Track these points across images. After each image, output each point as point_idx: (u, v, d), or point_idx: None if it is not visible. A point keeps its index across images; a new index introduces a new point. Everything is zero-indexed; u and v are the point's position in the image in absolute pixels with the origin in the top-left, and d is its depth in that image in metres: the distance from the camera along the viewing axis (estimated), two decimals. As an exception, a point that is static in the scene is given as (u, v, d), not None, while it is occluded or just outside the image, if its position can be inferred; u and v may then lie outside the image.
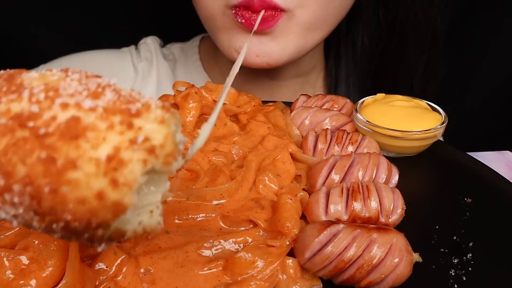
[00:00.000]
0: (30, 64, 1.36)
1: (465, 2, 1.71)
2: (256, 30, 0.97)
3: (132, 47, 1.43)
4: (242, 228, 0.67)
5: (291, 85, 1.30)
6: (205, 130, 0.51)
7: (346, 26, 1.30)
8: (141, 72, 1.37)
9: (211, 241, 0.64)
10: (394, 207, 0.69)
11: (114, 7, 1.61)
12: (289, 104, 0.99)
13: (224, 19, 1.06)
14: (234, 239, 0.65)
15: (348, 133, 0.85)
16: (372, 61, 1.32)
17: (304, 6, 1.01)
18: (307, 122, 0.90)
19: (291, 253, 0.64)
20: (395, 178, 0.77)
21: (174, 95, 0.91)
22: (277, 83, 1.29)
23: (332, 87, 1.34)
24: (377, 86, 1.30)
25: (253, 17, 1.00)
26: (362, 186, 0.70)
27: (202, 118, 0.91)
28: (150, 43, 1.40)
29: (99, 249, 0.41)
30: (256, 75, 1.26)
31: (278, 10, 0.99)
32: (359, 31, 1.28)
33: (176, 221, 0.68)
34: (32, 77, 0.42)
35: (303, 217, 0.71)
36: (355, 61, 1.32)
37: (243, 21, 1.00)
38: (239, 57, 0.73)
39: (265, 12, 0.98)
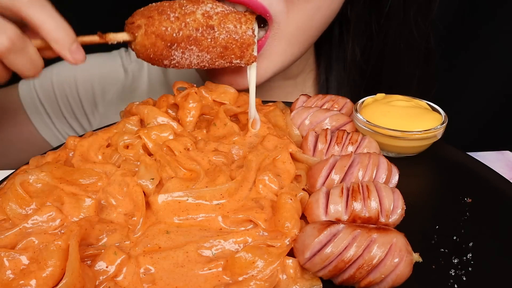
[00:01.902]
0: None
1: (465, 4, 1.71)
2: None
3: (122, 50, 1.41)
4: (242, 228, 0.67)
5: (280, 86, 1.29)
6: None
7: (338, 37, 1.28)
8: (131, 73, 1.36)
9: (211, 241, 0.64)
10: (394, 207, 0.69)
11: (106, 8, 1.60)
12: (289, 104, 0.99)
13: None
14: (234, 239, 0.65)
15: (348, 133, 0.85)
16: (365, 74, 1.31)
17: (289, 13, 0.97)
18: (307, 122, 0.90)
19: (291, 253, 0.64)
20: (395, 178, 0.77)
21: (174, 95, 0.91)
22: (266, 84, 1.28)
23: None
24: None
25: None
26: (362, 186, 0.70)
27: (202, 118, 0.91)
28: None
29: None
30: None
31: (267, 17, 0.95)
32: (350, 43, 1.26)
33: (176, 221, 0.68)
34: None
35: (303, 217, 0.71)
36: (346, 73, 1.30)
37: None
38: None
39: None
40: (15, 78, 1.30)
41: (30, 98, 1.31)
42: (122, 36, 0.84)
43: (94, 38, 0.82)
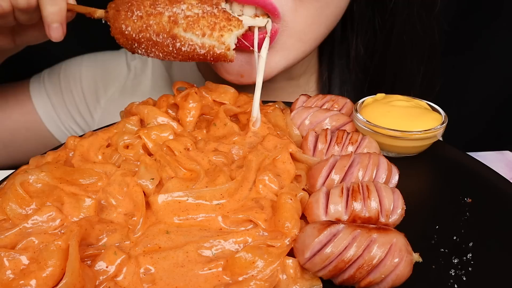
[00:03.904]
0: (34, 67, 1.39)
1: (466, 3, 1.71)
2: (248, 50, 0.95)
3: None
4: (242, 228, 0.67)
5: (283, 87, 1.29)
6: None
7: (341, 33, 1.28)
8: (133, 69, 1.38)
9: (211, 241, 0.64)
10: (394, 207, 0.69)
11: None
12: (289, 104, 0.99)
13: None
14: (234, 239, 0.65)
15: (348, 133, 0.84)
16: (369, 71, 1.30)
17: (297, 11, 0.97)
18: (307, 122, 0.90)
19: (291, 253, 0.64)
20: (395, 178, 0.77)
21: (174, 95, 0.91)
22: (269, 85, 1.28)
23: (325, 93, 1.33)
24: (373, 94, 1.30)
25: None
26: (362, 186, 0.70)
27: (202, 118, 0.91)
28: None
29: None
30: None
31: (275, 15, 0.95)
32: (354, 39, 1.26)
33: (176, 221, 0.68)
34: None
35: (303, 217, 0.71)
36: (349, 69, 1.30)
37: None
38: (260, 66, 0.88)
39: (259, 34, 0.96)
40: (28, 73, 1.38)
41: (38, 90, 1.36)
42: (101, 16, 0.87)
43: (86, 11, 0.87)
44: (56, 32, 0.87)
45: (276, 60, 1.02)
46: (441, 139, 0.90)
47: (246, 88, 1.02)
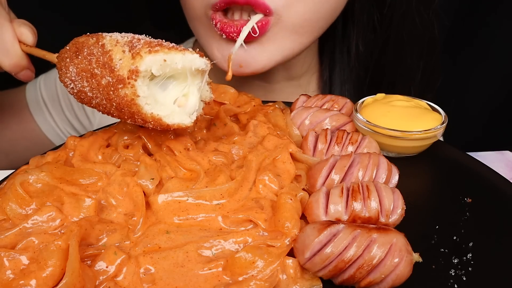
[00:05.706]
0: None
1: (465, 3, 1.71)
2: (244, 41, 0.96)
3: None
4: (242, 228, 0.67)
5: (283, 88, 1.29)
6: None
7: (342, 31, 1.28)
8: None
9: (211, 241, 0.64)
10: (394, 207, 0.69)
11: (109, 7, 1.61)
12: (289, 104, 0.99)
13: (207, 21, 1.03)
14: (234, 239, 0.65)
15: (348, 133, 0.84)
16: (369, 68, 1.30)
17: (292, 7, 0.98)
18: (307, 122, 0.90)
19: (291, 253, 0.64)
20: (395, 178, 0.77)
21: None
22: (270, 86, 1.28)
23: (326, 93, 1.33)
24: (373, 93, 1.30)
25: (228, 24, 0.97)
26: (362, 186, 0.70)
27: (202, 117, 0.91)
28: None
29: None
30: (247, 77, 1.24)
31: (267, 13, 0.96)
32: (354, 36, 1.26)
33: (176, 221, 0.68)
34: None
35: (303, 217, 0.71)
36: (350, 68, 1.30)
37: (218, 25, 0.98)
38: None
39: (254, 24, 0.97)
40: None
41: (35, 97, 1.35)
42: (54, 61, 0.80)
43: (42, 55, 0.83)
44: (24, 77, 0.88)
45: (270, 49, 1.02)
46: (441, 139, 0.90)
47: (246, 88, 1.03)
